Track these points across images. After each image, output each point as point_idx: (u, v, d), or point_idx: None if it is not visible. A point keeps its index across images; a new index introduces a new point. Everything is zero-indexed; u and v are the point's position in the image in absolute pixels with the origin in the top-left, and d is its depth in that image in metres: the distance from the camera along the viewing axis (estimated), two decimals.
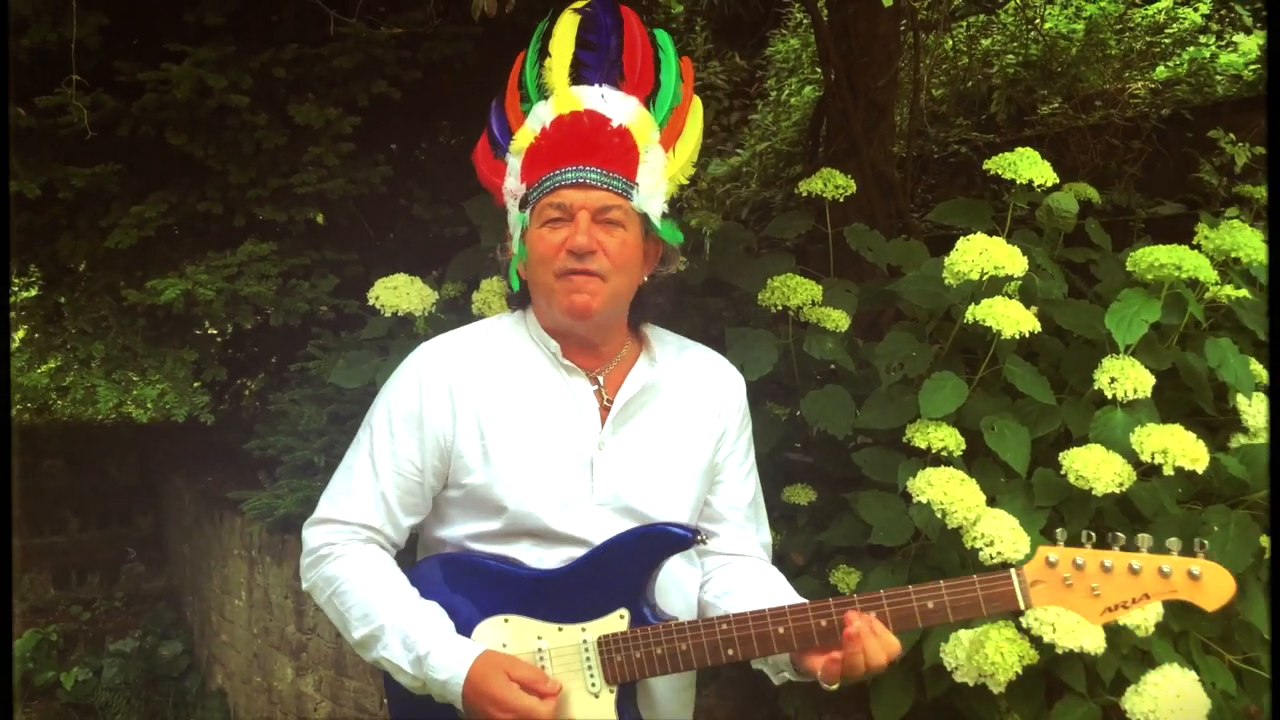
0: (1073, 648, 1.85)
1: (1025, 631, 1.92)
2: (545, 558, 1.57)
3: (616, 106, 1.59)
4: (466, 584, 1.57)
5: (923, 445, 2.14)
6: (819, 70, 5.21)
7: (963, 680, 1.96)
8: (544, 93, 1.64)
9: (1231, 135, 3.19)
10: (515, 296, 1.67)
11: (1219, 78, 5.18)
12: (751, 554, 1.75)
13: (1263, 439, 2.25)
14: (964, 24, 6.06)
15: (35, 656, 4.76)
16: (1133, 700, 1.87)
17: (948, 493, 1.98)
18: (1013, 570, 1.45)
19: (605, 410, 1.62)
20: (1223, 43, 5.57)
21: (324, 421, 3.44)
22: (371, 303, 2.55)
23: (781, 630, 1.48)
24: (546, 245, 1.54)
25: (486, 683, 1.45)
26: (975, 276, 2.12)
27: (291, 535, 3.62)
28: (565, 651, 1.53)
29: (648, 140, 1.59)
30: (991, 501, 2.07)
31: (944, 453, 2.12)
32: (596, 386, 1.63)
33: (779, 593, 1.66)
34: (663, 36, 1.68)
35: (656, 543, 1.55)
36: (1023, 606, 1.44)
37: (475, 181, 1.78)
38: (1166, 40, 5.68)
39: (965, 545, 1.98)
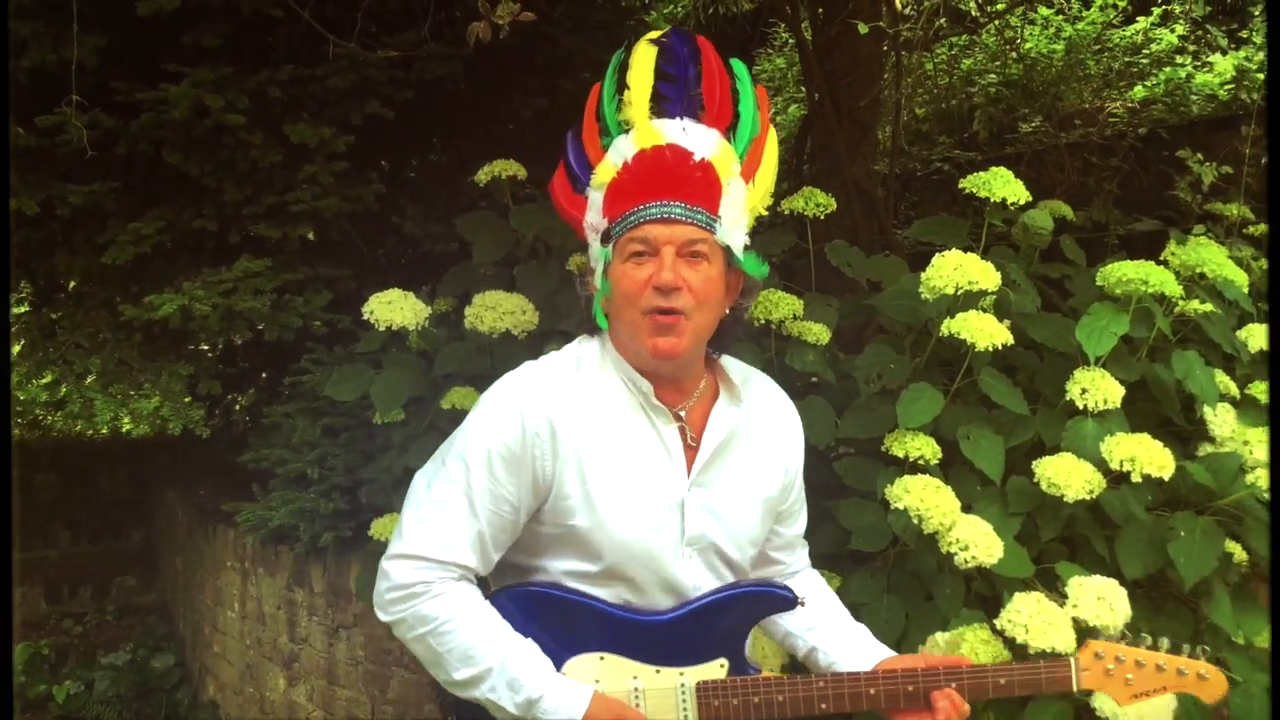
0: (1045, 648, 1.92)
1: (999, 633, 1.99)
2: (630, 596, 1.59)
3: (698, 140, 1.59)
4: (556, 619, 1.58)
5: (901, 454, 2.21)
6: (804, 90, 5.30)
7: None
8: (624, 127, 1.64)
9: (1199, 155, 3.28)
10: (593, 325, 1.65)
11: (1194, 97, 5.28)
12: (803, 568, 1.87)
13: (1228, 448, 2.33)
14: (946, 45, 6.17)
15: (27, 670, 4.78)
16: (1103, 699, 1.93)
17: (924, 500, 2.05)
18: (1071, 658, 1.69)
19: (689, 449, 1.62)
20: (1198, 63, 5.67)
21: (317, 434, 3.50)
22: (366, 317, 2.60)
23: (872, 692, 1.60)
24: (631, 282, 1.53)
25: None
26: (950, 291, 2.20)
27: (284, 547, 3.67)
28: (662, 693, 1.57)
29: (729, 173, 1.59)
30: (967, 508, 2.14)
31: (921, 461, 2.19)
32: (681, 424, 1.62)
33: (849, 629, 1.78)
34: (739, 66, 1.69)
35: (764, 603, 1.63)
36: (1075, 689, 1.67)
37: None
38: (1144, 61, 5.78)
39: (941, 550, 2.05)
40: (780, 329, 2.50)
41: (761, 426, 1.71)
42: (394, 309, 2.60)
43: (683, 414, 1.63)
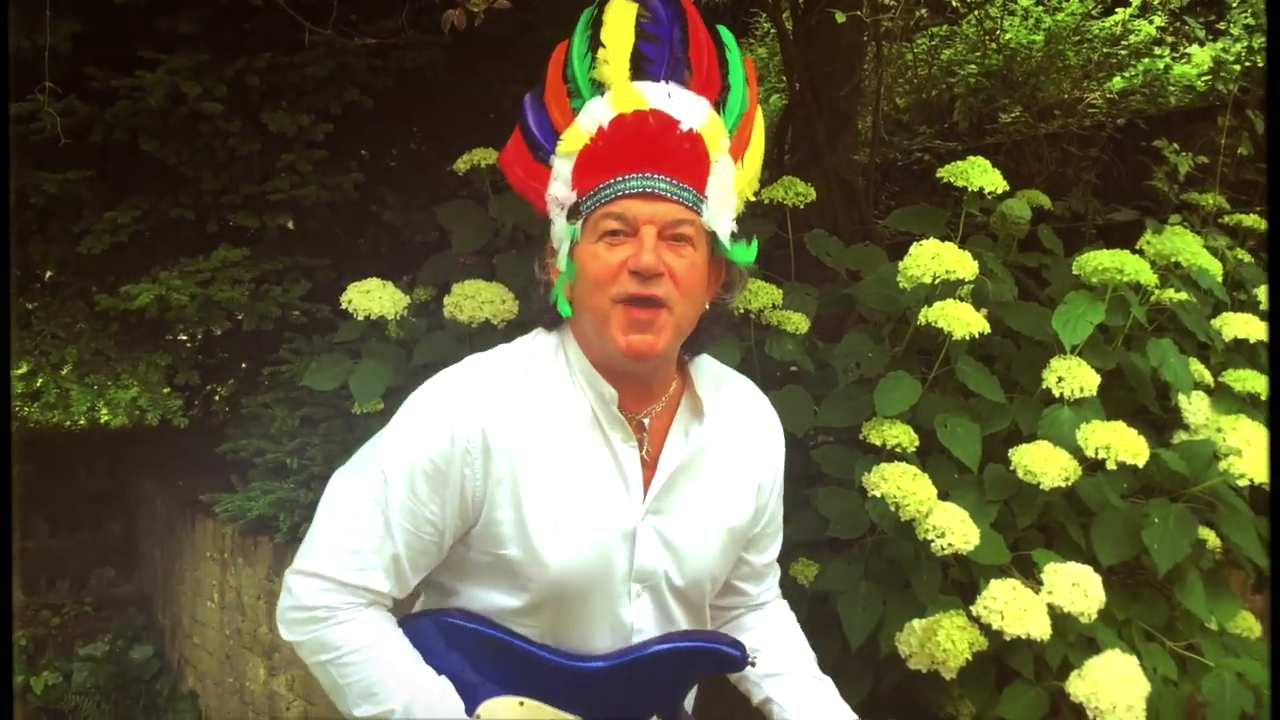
0: (1020, 634, 1.94)
1: (976, 620, 2.00)
2: (567, 634, 1.41)
3: (686, 107, 1.35)
4: (477, 653, 1.40)
5: (878, 442, 2.22)
6: (785, 79, 5.30)
7: (916, 668, 2.04)
8: (598, 88, 1.39)
9: (1175, 145, 3.30)
10: (552, 316, 1.43)
11: (1172, 88, 5.32)
12: (772, 599, 1.68)
13: (1203, 435, 2.35)
14: (926, 35, 6.18)
15: None
16: (1076, 684, 1.95)
17: (901, 487, 2.06)
18: None
19: (647, 467, 1.41)
20: (1176, 54, 5.72)
21: (296, 424, 3.48)
22: (344, 306, 2.59)
23: None
24: (603, 265, 1.30)
25: None
26: (928, 280, 2.21)
27: (264, 537, 3.66)
28: None
29: (719, 148, 1.37)
30: (944, 496, 2.15)
31: (899, 449, 2.20)
32: (641, 436, 1.41)
33: (815, 688, 1.57)
34: (726, 35, 1.46)
35: (709, 663, 1.43)
36: None
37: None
38: (1123, 52, 5.82)
39: (918, 537, 2.06)
40: (759, 318, 2.50)
41: (733, 441, 1.49)
42: (373, 298, 2.59)
43: (646, 422, 1.42)
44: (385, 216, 3.88)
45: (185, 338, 4.73)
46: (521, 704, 1.38)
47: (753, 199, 1.49)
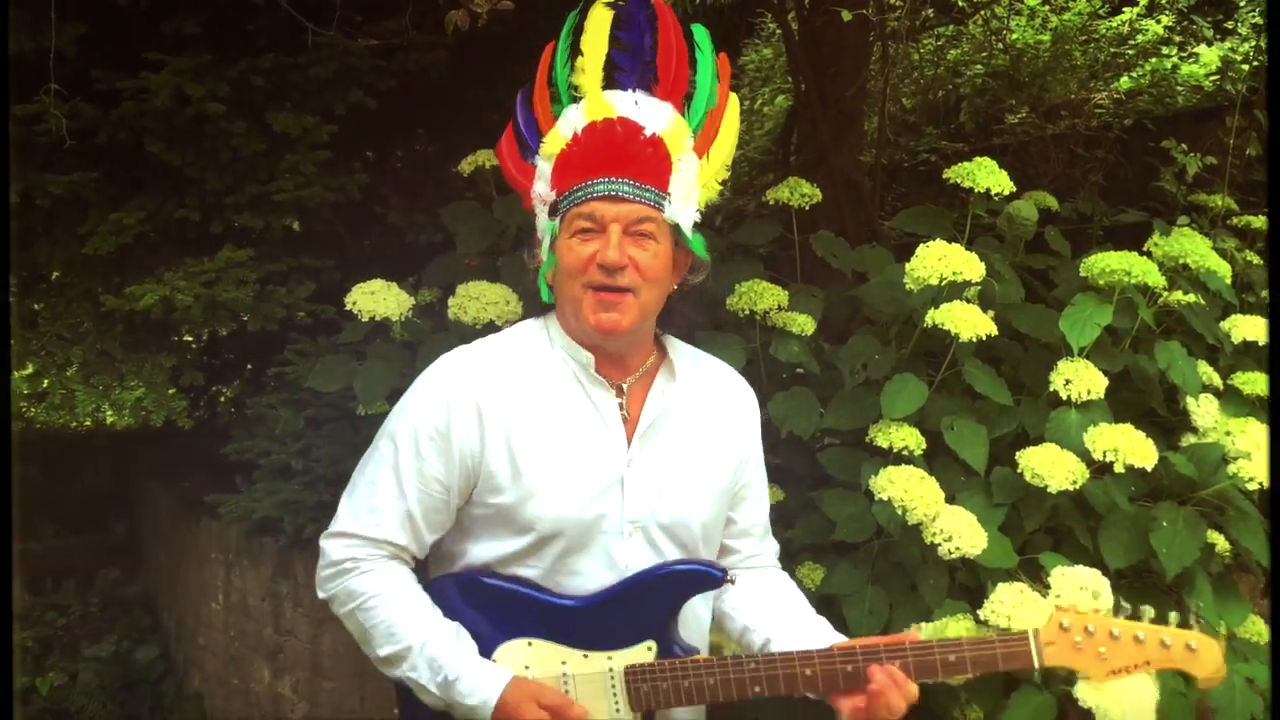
0: None
1: (983, 623, 1.99)
2: (572, 576, 1.56)
3: (650, 114, 1.55)
4: (487, 605, 1.56)
5: (885, 445, 2.21)
6: (790, 80, 5.29)
7: None
8: (575, 95, 1.60)
9: (1183, 146, 3.28)
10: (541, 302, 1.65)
11: (1180, 88, 5.29)
12: (767, 565, 1.78)
13: (1211, 438, 2.33)
14: (932, 35, 6.16)
15: None
16: (1084, 690, 1.93)
17: (908, 490, 2.05)
18: (1030, 632, 1.54)
19: (630, 425, 1.60)
20: (1184, 54, 5.69)
21: (301, 425, 3.48)
22: (349, 308, 2.59)
23: (808, 672, 1.51)
24: (576, 257, 1.51)
25: (516, 710, 1.46)
26: (935, 282, 2.19)
27: (268, 539, 3.65)
28: (591, 678, 1.54)
29: (681, 148, 1.56)
30: (951, 499, 2.14)
31: (905, 452, 2.19)
32: (621, 400, 1.60)
33: (793, 609, 1.68)
34: (700, 33, 1.63)
35: (689, 581, 1.57)
36: (1036, 665, 1.53)
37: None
38: (1130, 51, 5.80)
39: (925, 541, 2.05)
40: (765, 320, 2.49)
41: (709, 407, 1.67)
42: (377, 299, 2.59)
43: (624, 386, 1.61)
44: (390, 217, 3.88)
45: (190, 339, 4.72)
46: (530, 644, 1.54)
47: (720, 187, 1.68)
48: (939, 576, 2.17)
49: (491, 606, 1.56)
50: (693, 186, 1.58)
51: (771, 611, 1.67)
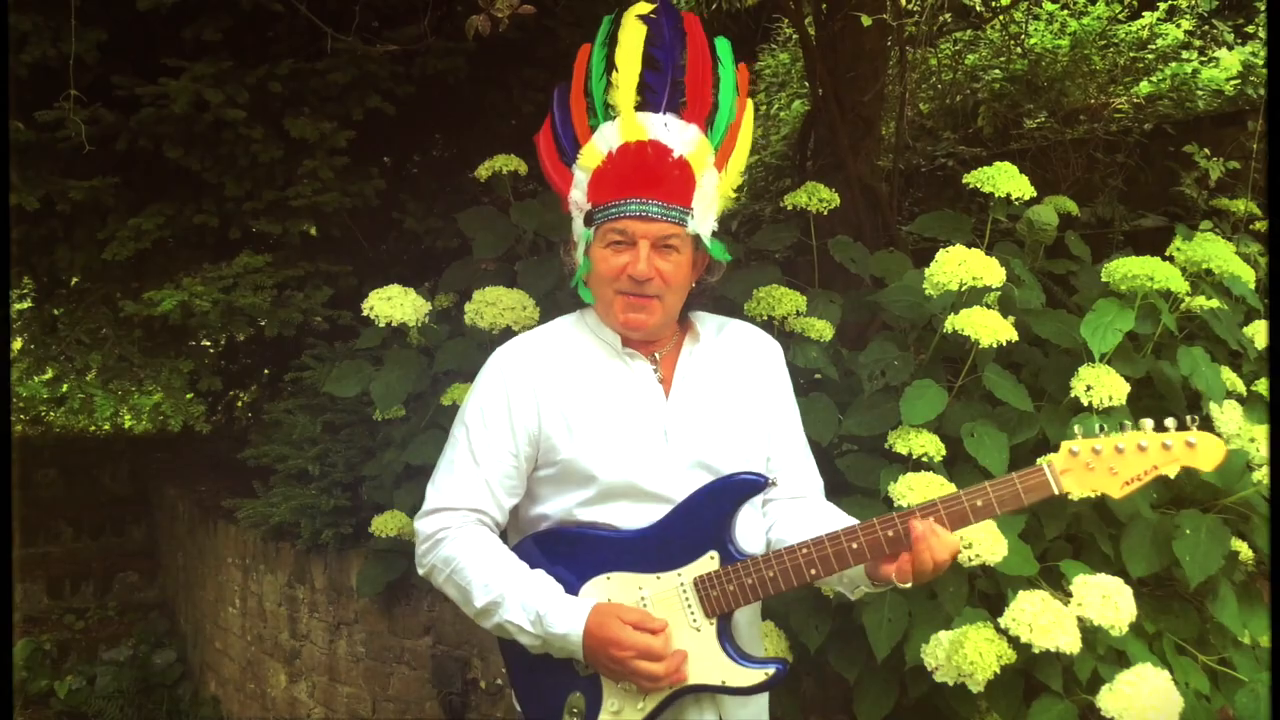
0: (1049, 647, 1.91)
1: (1003, 632, 1.97)
2: (638, 516, 1.69)
3: (678, 137, 1.70)
4: (565, 553, 1.71)
5: (904, 451, 2.19)
6: (807, 85, 5.28)
7: (943, 680, 2.01)
8: (610, 112, 1.75)
9: (1206, 150, 3.26)
10: (573, 295, 1.79)
11: (1200, 93, 5.25)
12: (811, 494, 1.87)
13: (1235, 445, 2.30)
14: (950, 40, 6.14)
15: (29, 665, 4.78)
16: (1107, 699, 1.92)
17: (928, 497, 2.03)
18: (1044, 462, 1.61)
19: (665, 384, 1.77)
20: (1204, 58, 5.65)
21: (318, 430, 3.48)
22: (366, 313, 2.59)
23: (855, 545, 1.61)
24: (609, 266, 1.68)
25: (603, 629, 1.59)
26: (954, 287, 2.18)
27: (285, 543, 3.66)
28: (666, 595, 1.66)
29: (704, 166, 1.71)
30: None
31: (925, 458, 2.17)
32: (655, 366, 1.77)
33: (831, 518, 1.77)
34: (722, 47, 1.77)
35: (734, 490, 1.68)
36: (1056, 492, 1.59)
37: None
38: (1150, 56, 5.76)
39: None
40: (783, 325, 2.48)
41: (733, 357, 1.82)
42: (394, 305, 2.59)
43: (656, 356, 1.78)
44: (406, 223, 3.89)
45: (208, 344, 4.75)
46: (609, 578, 1.68)
47: (735, 193, 1.82)
48: (959, 584, 2.15)
49: (569, 553, 1.70)
50: (713, 200, 1.74)
51: (812, 524, 1.76)
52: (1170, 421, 1.58)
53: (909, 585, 1.61)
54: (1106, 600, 1.97)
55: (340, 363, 2.88)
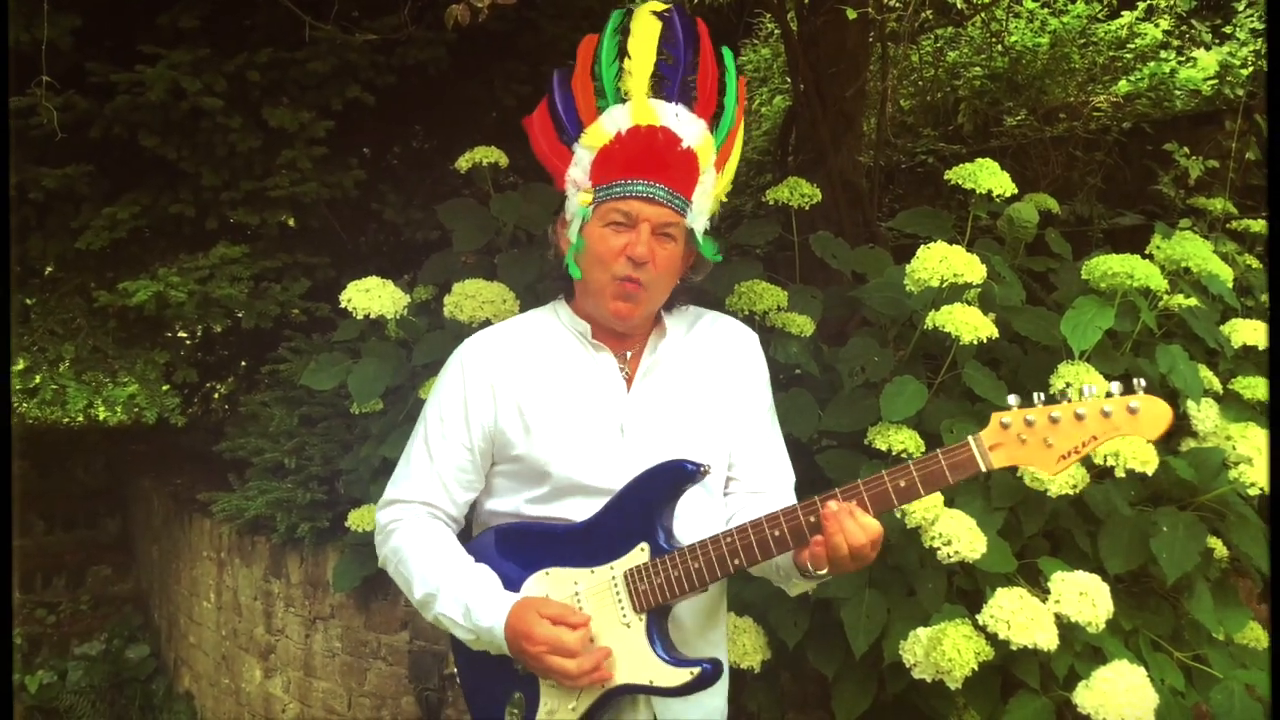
0: (1026, 644, 1.91)
1: (981, 629, 1.97)
2: (591, 512, 1.67)
3: (688, 128, 1.70)
4: (513, 547, 1.71)
5: (884, 447, 2.19)
6: (789, 80, 5.28)
7: (921, 677, 2.00)
8: (621, 96, 1.73)
9: (1186, 149, 3.27)
10: (565, 284, 1.78)
11: (1178, 92, 5.29)
12: (773, 490, 1.82)
13: (1212, 443, 2.32)
14: (931, 37, 6.15)
15: None
16: (1083, 695, 1.92)
17: None
18: (970, 438, 1.49)
19: (630, 381, 1.75)
20: (1182, 58, 5.68)
21: (295, 423, 3.45)
22: (344, 305, 2.57)
23: (777, 533, 1.56)
24: (607, 247, 1.66)
25: (520, 623, 1.58)
26: (935, 283, 2.18)
27: (260, 537, 3.63)
28: (598, 590, 1.64)
29: (707, 162, 1.72)
30: (950, 502, 2.12)
31: (904, 454, 2.17)
32: (623, 365, 1.75)
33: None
34: (729, 58, 1.77)
35: (665, 478, 1.63)
36: (984, 469, 1.48)
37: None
38: (1128, 55, 5.79)
39: (924, 545, 2.04)
40: (764, 320, 2.48)
41: (703, 350, 1.80)
42: (372, 297, 2.57)
43: (627, 355, 1.77)
44: (386, 214, 3.86)
45: (184, 335, 4.71)
46: (547, 573, 1.67)
47: (725, 199, 1.83)
48: (937, 581, 2.15)
49: (517, 548, 1.71)
50: (709, 198, 1.74)
51: (747, 502, 1.76)
52: (1115, 386, 1.45)
53: (825, 573, 1.55)
54: (1084, 597, 1.97)
55: (318, 355, 2.85)
